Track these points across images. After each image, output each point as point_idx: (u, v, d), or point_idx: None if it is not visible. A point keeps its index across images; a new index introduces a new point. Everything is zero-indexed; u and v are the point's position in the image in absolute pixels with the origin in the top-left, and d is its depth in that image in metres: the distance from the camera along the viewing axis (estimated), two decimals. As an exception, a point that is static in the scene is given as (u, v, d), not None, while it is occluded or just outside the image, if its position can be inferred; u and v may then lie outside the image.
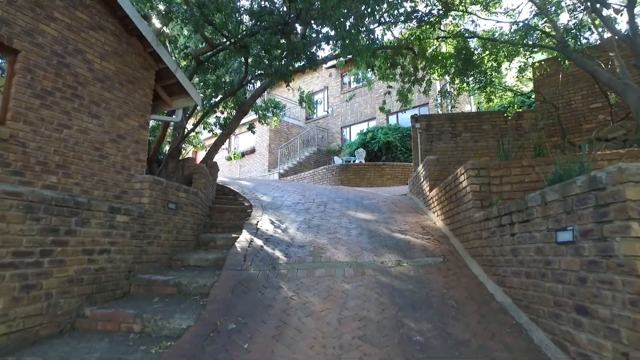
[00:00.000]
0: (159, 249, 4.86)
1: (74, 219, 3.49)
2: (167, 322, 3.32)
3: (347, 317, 3.25)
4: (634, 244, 1.86)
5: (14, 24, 4.20)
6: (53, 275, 3.25)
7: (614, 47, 6.47)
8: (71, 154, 4.78)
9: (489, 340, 2.84)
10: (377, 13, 8.06)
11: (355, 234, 5.67)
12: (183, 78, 6.20)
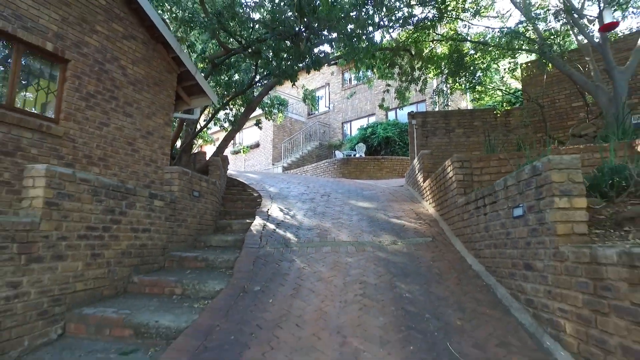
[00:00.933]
0: (186, 231, 5.61)
1: (124, 202, 4.23)
2: (203, 286, 4.07)
3: (350, 281, 4.00)
4: (555, 212, 2.60)
5: (65, 38, 4.91)
6: (111, 248, 4.00)
7: (589, 52, 7.18)
8: (109, 149, 5.52)
9: (463, 296, 3.59)
10: (377, 15, 8.76)
11: (356, 219, 6.42)
12: (202, 80, 6.91)
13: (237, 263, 4.65)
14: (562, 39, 7.68)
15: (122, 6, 5.80)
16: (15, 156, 4.32)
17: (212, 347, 2.84)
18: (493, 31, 9.13)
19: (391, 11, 9.00)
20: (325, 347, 2.79)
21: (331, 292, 3.75)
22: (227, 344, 2.88)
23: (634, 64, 6.46)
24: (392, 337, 2.90)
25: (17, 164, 4.30)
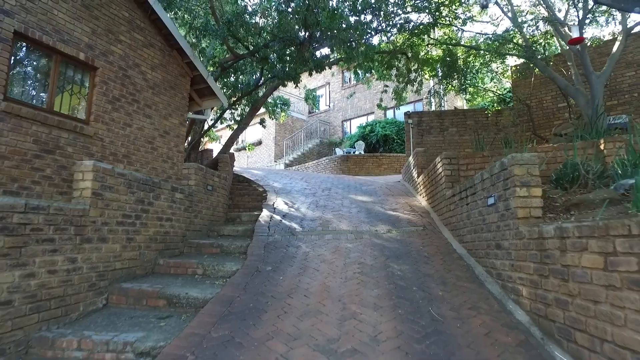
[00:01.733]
0: (201, 221, 6.22)
1: (151, 194, 4.83)
2: (221, 267, 4.67)
3: (350, 262, 4.61)
4: (517, 200, 3.20)
5: (95, 48, 5.50)
6: (141, 233, 4.61)
7: (571, 58, 7.77)
8: (132, 147, 6.11)
9: (446, 273, 4.20)
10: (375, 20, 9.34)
11: (355, 212, 7.03)
12: (213, 84, 7.50)
13: (250, 248, 5.25)
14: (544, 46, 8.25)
15: (143, 17, 6.38)
16: (55, 154, 4.92)
17: (236, 312, 3.44)
18: (485, 36, 9.68)
19: (388, 17, 9.57)
20: (329, 311, 3.39)
21: (333, 271, 4.35)
22: (248, 309, 3.48)
23: (609, 70, 7.05)
24: (384, 304, 3.50)
25: (56, 160, 4.90)
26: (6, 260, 2.88)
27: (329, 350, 2.78)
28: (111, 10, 5.81)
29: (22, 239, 3.02)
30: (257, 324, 3.21)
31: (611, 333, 2.03)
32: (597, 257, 2.14)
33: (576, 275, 2.35)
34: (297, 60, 7.84)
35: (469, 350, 2.71)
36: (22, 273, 3.01)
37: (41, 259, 3.18)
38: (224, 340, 2.97)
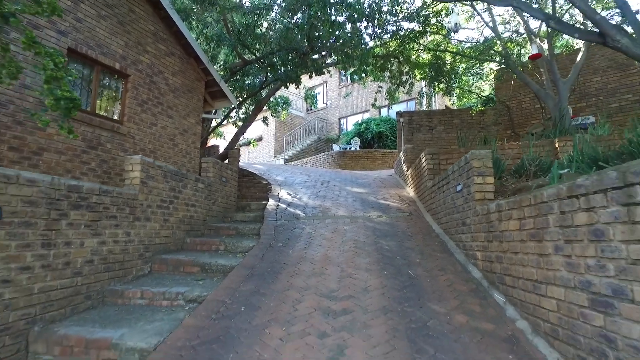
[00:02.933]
0: (218, 209, 7.16)
1: (180, 184, 5.77)
2: (239, 244, 5.62)
3: (346, 240, 5.57)
4: (475, 186, 4.17)
5: (127, 58, 6.40)
6: (174, 216, 5.55)
7: (543, 64, 8.75)
8: (157, 143, 7.03)
9: (424, 247, 5.18)
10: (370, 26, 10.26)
11: (351, 201, 8.00)
12: (225, 87, 8.41)
13: (262, 230, 6.21)
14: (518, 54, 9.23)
15: (165, 30, 7.28)
16: (98, 149, 5.84)
17: (257, 274, 4.40)
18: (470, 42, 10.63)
19: (382, 25, 10.49)
20: (330, 273, 4.36)
21: (333, 246, 5.32)
22: (266, 272, 4.45)
23: (573, 77, 8.04)
24: (373, 267, 4.47)
25: (98, 155, 5.83)
26: (89, 230, 3.82)
27: (331, 296, 3.75)
28: (140, 25, 6.71)
29: (98, 215, 3.96)
30: (275, 281, 4.18)
31: (522, 272, 3.02)
32: (516, 222, 3.12)
33: (506, 237, 3.33)
34: (299, 65, 8.76)
35: (433, 295, 3.70)
36: (99, 240, 3.95)
37: (109, 231, 4.12)
38: (251, 291, 3.93)
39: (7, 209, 2.94)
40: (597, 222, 2.09)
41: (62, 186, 3.49)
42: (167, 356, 2.82)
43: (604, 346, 2.05)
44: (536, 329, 2.84)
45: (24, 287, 3.09)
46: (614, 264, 1.96)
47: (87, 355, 2.99)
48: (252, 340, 3.00)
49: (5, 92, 4.73)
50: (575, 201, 2.28)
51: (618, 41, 4.53)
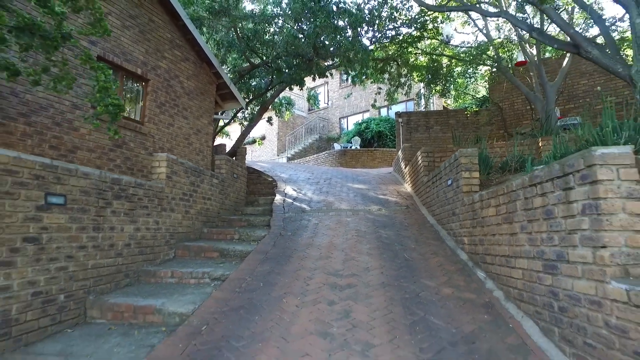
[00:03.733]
0: (230, 202, 7.75)
1: (198, 179, 6.36)
2: (252, 233, 6.21)
3: (349, 229, 6.17)
4: (463, 180, 4.76)
5: (147, 64, 6.99)
6: (193, 208, 6.14)
7: (532, 69, 9.34)
8: (174, 142, 7.62)
9: (419, 235, 5.78)
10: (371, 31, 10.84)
11: (353, 196, 8.59)
12: (235, 90, 9.00)
13: (272, 221, 6.80)
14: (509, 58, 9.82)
15: (181, 37, 7.86)
16: (122, 148, 6.43)
17: (271, 258, 4.99)
18: (465, 45, 11.20)
19: (382, 29, 11.08)
20: (335, 256, 4.95)
21: (337, 234, 5.92)
22: (279, 256, 5.04)
23: (560, 80, 8.63)
24: (373, 252, 5.07)
25: (123, 153, 6.42)
26: (127, 217, 4.41)
27: (337, 275, 4.35)
28: (158, 33, 7.29)
29: (134, 205, 4.55)
30: (287, 263, 4.78)
31: (498, 250, 3.62)
32: (493, 209, 3.71)
33: (486, 222, 3.93)
34: (303, 69, 9.35)
35: (425, 273, 4.30)
36: (134, 227, 4.55)
37: (142, 219, 4.71)
38: (267, 271, 4.53)
39: (69, 197, 3.53)
40: (548, 204, 2.68)
41: (107, 179, 4.09)
42: (203, 318, 3.42)
43: (551, 299, 2.65)
44: (508, 296, 3.44)
45: (81, 262, 3.69)
46: (558, 235, 2.55)
47: (135, 319, 3.59)
48: (273, 307, 3.60)
49: (47, 97, 5.32)
50: (534, 188, 2.88)
51: (589, 52, 5.13)
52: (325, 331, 3.10)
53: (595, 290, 2.18)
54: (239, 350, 2.87)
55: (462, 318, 3.25)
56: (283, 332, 3.11)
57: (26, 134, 5.11)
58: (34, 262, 3.16)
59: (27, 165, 3.13)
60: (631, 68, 4.78)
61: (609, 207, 2.11)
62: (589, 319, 2.25)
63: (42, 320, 3.22)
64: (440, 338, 2.95)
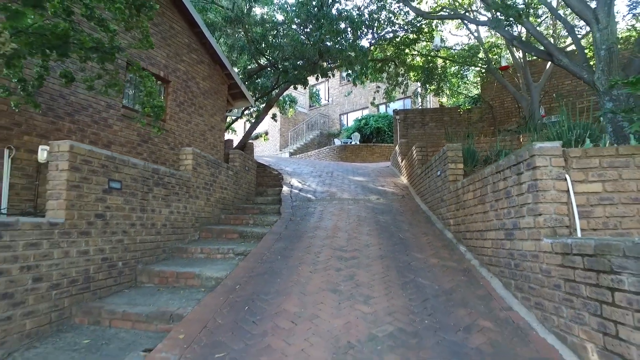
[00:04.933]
0: (242, 193, 8.54)
1: (217, 170, 7.14)
2: (265, 219, 7.00)
3: (351, 215, 6.97)
4: (449, 170, 5.56)
5: (168, 67, 7.74)
6: (213, 196, 6.93)
7: (519, 70, 10.12)
8: (192, 138, 8.39)
9: (412, 219, 6.58)
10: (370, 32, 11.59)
11: (353, 187, 9.39)
12: (245, 90, 9.76)
13: (281, 209, 7.59)
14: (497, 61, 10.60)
15: (197, 42, 8.61)
16: (148, 143, 7.21)
17: (284, 238, 5.79)
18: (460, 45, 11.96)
19: (380, 31, 11.83)
20: (340, 236, 5.75)
21: (340, 219, 6.72)
22: (291, 236, 5.84)
23: (543, 82, 9.42)
24: (373, 233, 5.87)
25: (149, 147, 7.20)
26: (164, 202, 5.20)
27: (342, 250, 5.15)
28: (178, 39, 8.04)
29: (168, 191, 5.34)
30: (299, 242, 5.58)
31: (474, 227, 4.42)
32: (472, 193, 4.51)
33: (466, 205, 4.73)
34: (308, 70, 10.11)
35: (416, 248, 5.11)
36: (169, 210, 5.34)
37: (175, 204, 5.50)
38: (282, 248, 5.33)
39: (124, 183, 4.31)
40: (507, 186, 3.48)
41: (149, 169, 4.87)
42: (235, 281, 4.22)
43: (509, 259, 3.46)
44: (482, 262, 4.25)
45: (132, 237, 4.48)
46: (514, 210, 3.35)
47: (177, 283, 4.39)
48: (290, 273, 4.40)
49: (87, 99, 6.09)
50: (499, 175, 3.68)
51: (561, 60, 5.92)
52: (334, 288, 3.91)
53: (535, 247, 2.98)
54: (267, 301, 3.68)
55: (444, 279, 4.07)
56: (301, 289, 3.91)
57: (71, 130, 5.88)
58: (102, 234, 3.96)
59: (97, 156, 3.91)
60: (594, 75, 5.57)
61: (544, 185, 2.91)
62: (531, 269, 3.05)
63: (108, 281, 4.02)
64: (425, 292, 3.77)
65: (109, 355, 2.92)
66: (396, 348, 2.79)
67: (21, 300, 3.00)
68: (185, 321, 3.29)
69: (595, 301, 2.28)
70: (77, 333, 3.35)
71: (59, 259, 3.38)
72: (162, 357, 2.74)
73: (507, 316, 3.18)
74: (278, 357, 2.72)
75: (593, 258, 2.29)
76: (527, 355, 2.63)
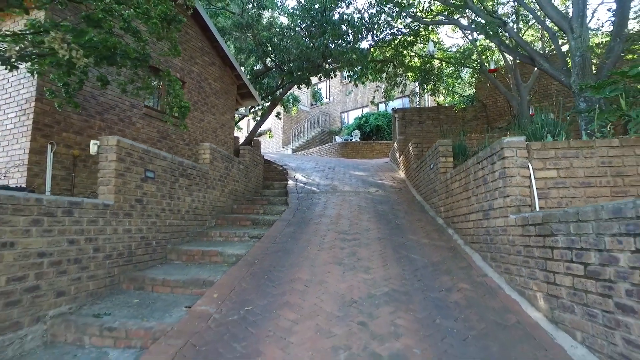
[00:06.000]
0: (252, 185, 9.22)
1: (230, 164, 7.81)
2: (274, 208, 7.68)
3: (352, 205, 7.65)
4: (440, 163, 6.23)
5: (184, 69, 8.40)
6: (226, 188, 7.60)
7: (510, 71, 10.78)
8: (205, 135, 9.06)
9: (408, 208, 7.26)
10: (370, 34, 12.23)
11: (354, 181, 10.06)
12: (253, 90, 10.42)
13: (288, 200, 8.27)
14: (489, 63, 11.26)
15: (209, 46, 9.26)
16: (167, 139, 7.88)
17: (293, 224, 6.47)
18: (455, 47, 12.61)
19: (379, 34, 12.47)
20: (343, 222, 6.43)
21: (343, 208, 7.40)
22: (299, 222, 6.52)
23: (532, 82, 10.09)
24: (372, 220, 6.55)
25: (167, 143, 7.87)
26: (187, 191, 5.88)
27: (345, 233, 5.82)
28: (192, 43, 8.70)
29: (190, 182, 6.01)
30: (306, 227, 6.26)
31: (460, 211, 5.10)
32: (458, 182, 5.19)
33: (453, 193, 5.41)
34: (312, 71, 10.77)
35: (410, 232, 5.79)
36: (191, 199, 6.01)
37: (195, 193, 6.18)
38: (292, 232, 6.01)
39: (156, 173, 4.99)
40: (485, 174, 4.15)
41: (175, 161, 5.55)
42: (253, 257, 4.89)
43: (486, 236, 4.14)
44: (466, 242, 4.93)
45: (163, 220, 5.16)
46: (489, 194, 4.02)
47: (202, 260, 5.07)
48: (301, 251, 5.08)
49: (114, 99, 6.76)
50: (478, 165, 4.35)
51: (541, 64, 6.59)
52: (339, 262, 4.59)
53: (504, 223, 3.66)
54: (283, 272, 4.36)
55: (432, 255, 4.75)
56: (311, 263, 4.60)
57: (101, 127, 6.55)
58: (140, 216, 4.63)
59: (136, 149, 4.58)
60: (570, 78, 6.24)
61: (511, 172, 3.58)
62: (501, 241, 3.73)
63: (145, 256, 4.71)
64: (416, 264, 4.45)
65: (158, 310, 3.60)
66: (390, 302, 3.48)
67: (86, 266, 3.68)
68: (216, 285, 3.97)
69: (542, 259, 2.96)
70: (127, 295, 4.03)
71: (110, 235, 4.06)
72: (202, 310, 3.43)
73: (482, 281, 3.86)
74: (296, 309, 3.41)
75: (541, 226, 2.97)
76: (494, 305, 3.31)
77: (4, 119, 5.74)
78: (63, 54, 3.25)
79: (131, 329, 3.12)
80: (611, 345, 2.23)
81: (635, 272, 2.03)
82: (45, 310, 3.20)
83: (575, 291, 2.56)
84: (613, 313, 2.20)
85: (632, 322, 2.06)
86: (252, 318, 3.27)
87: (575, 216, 2.54)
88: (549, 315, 2.92)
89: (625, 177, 3.41)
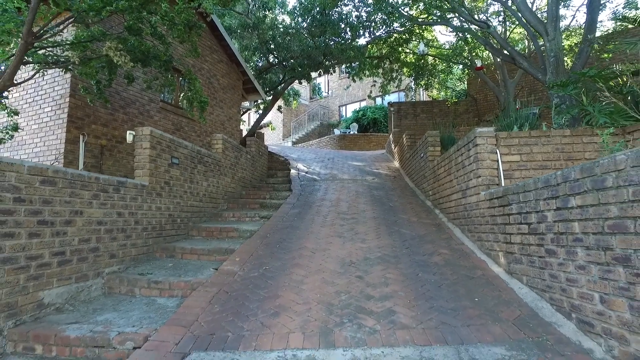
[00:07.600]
0: (258, 173, 9.96)
1: (239, 154, 8.54)
2: (279, 194, 8.42)
3: (351, 191, 8.40)
4: (429, 152, 6.98)
5: (196, 66, 9.08)
6: (236, 175, 8.34)
7: (497, 68, 11.50)
8: (214, 127, 9.77)
9: (401, 193, 8.02)
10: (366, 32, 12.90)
11: (352, 170, 10.81)
12: (258, 86, 11.11)
13: (292, 187, 9.02)
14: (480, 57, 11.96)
15: (217, 44, 9.94)
16: (180, 131, 8.59)
17: (297, 206, 7.22)
18: (448, 43, 13.30)
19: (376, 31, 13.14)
20: (342, 205, 7.18)
21: (342, 194, 8.16)
22: (302, 205, 7.27)
23: (517, 78, 10.82)
24: (368, 203, 7.31)
25: (181, 135, 8.58)
26: (204, 177, 6.61)
27: (344, 213, 6.58)
28: (202, 42, 9.37)
29: (206, 168, 6.74)
30: (309, 209, 7.01)
31: (444, 193, 5.86)
32: (443, 168, 5.94)
33: (439, 177, 6.16)
34: (312, 67, 11.46)
35: (402, 212, 6.55)
36: (207, 184, 6.75)
37: (210, 179, 6.91)
38: (297, 213, 6.76)
39: (180, 159, 5.72)
40: (463, 160, 4.90)
41: (195, 150, 6.27)
42: (265, 232, 5.65)
43: (464, 212, 4.90)
44: (449, 219, 5.70)
45: (185, 201, 5.90)
46: (466, 176, 4.78)
47: (220, 235, 5.82)
48: (306, 227, 5.84)
49: (135, 94, 7.45)
50: (458, 152, 5.10)
51: (521, 63, 7.32)
52: (339, 235, 5.35)
53: (477, 199, 4.42)
54: (291, 242, 5.12)
55: (420, 229, 5.52)
56: (315, 236, 5.36)
57: (124, 120, 7.26)
58: (168, 196, 5.37)
59: (164, 139, 5.31)
60: (547, 76, 6.98)
61: (482, 157, 4.33)
62: (475, 215, 4.50)
63: (171, 231, 5.46)
64: (405, 236, 5.22)
65: (190, 271, 4.35)
66: (382, 263, 4.25)
67: (129, 235, 4.43)
68: (237, 252, 4.73)
69: (503, 224, 3.73)
70: (161, 261, 4.79)
71: (146, 211, 4.80)
72: (228, 269, 4.19)
73: (459, 248, 4.64)
74: (305, 268, 4.17)
75: (502, 198, 3.73)
76: (466, 264, 4.09)
77: (40, 113, 6.44)
78: (117, 59, 3.96)
79: (173, 281, 3.88)
80: (543, 281, 3.00)
81: (556, 224, 2.79)
82: (102, 268, 3.95)
83: (523, 246, 3.33)
84: (543, 257, 2.97)
85: (554, 261, 2.83)
86: (270, 274, 4.04)
87: (523, 188, 3.29)
88: (506, 268, 3.69)
89: (574, 161, 4.17)
